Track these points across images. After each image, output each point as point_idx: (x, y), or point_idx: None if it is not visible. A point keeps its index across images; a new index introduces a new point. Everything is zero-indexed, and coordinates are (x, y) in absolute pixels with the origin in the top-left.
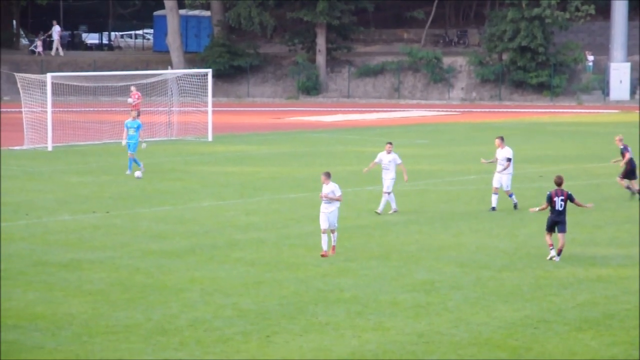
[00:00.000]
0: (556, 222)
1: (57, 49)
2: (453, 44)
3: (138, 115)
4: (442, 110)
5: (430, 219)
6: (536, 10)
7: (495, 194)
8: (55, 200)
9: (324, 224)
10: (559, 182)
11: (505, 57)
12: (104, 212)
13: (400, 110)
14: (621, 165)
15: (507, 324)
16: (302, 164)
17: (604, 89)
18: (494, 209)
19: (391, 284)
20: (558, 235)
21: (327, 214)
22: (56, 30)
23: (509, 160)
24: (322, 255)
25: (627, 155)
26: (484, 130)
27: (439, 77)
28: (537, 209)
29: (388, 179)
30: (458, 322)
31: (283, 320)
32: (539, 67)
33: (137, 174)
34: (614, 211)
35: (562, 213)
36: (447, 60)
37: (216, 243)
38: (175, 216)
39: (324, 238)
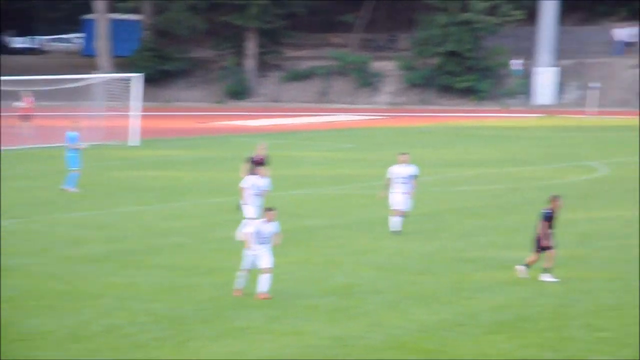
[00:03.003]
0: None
1: None
2: (383, 48)
3: (26, 119)
4: (370, 115)
5: (352, 222)
6: (465, 15)
7: (397, 216)
8: None
9: (247, 264)
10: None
11: (434, 61)
12: (22, 218)
13: (328, 115)
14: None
15: (423, 327)
16: (226, 168)
17: (529, 93)
18: (397, 232)
19: (310, 287)
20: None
21: (258, 254)
22: None
23: (413, 177)
24: (236, 294)
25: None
26: (411, 135)
27: (368, 82)
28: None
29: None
30: (375, 326)
31: (199, 325)
32: (466, 72)
33: (68, 187)
34: (533, 214)
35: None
36: (376, 65)
37: (134, 248)
38: (94, 221)
39: (243, 276)
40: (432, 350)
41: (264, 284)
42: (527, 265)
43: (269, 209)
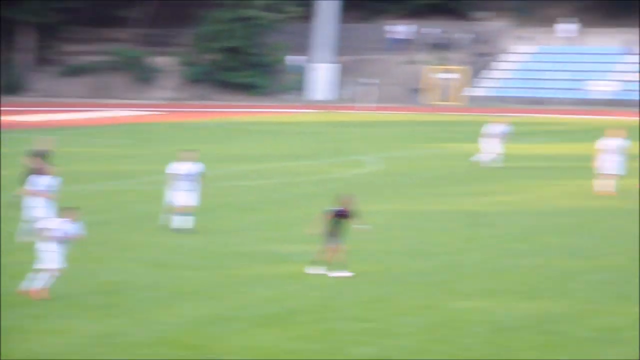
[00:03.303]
0: None
1: None
2: (163, 43)
3: None
4: (148, 110)
5: (127, 219)
6: (245, 12)
7: (178, 213)
8: None
9: (54, 264)
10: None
11: (213, 57)
12: None
13: (106, 110)
14: None
15: (189, 322)
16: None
17: (307, 89)
18: (180, 230)
19: (76, 285)
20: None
21: (59, 252)
22: None
23: (198, 174)
24: (30, 294)
25: None
26: (190, 130)
27: (147, 77)
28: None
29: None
30: (140, 322)
31: None
32: (245, 68)
33: None
34: (308, 209)
35: None
36: (155, 60)
37: None
38: None
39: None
40: (198, 345)
41: (44, 281)
42: (326, 265)
43: (72, 208)
